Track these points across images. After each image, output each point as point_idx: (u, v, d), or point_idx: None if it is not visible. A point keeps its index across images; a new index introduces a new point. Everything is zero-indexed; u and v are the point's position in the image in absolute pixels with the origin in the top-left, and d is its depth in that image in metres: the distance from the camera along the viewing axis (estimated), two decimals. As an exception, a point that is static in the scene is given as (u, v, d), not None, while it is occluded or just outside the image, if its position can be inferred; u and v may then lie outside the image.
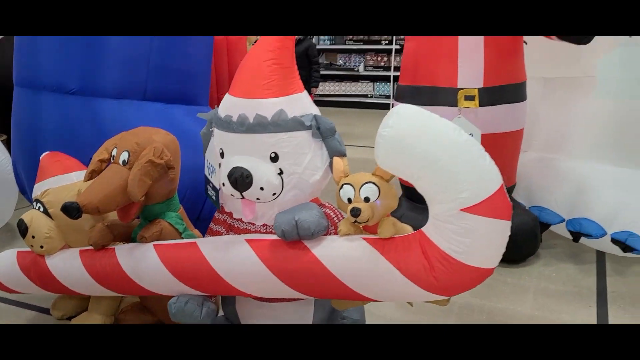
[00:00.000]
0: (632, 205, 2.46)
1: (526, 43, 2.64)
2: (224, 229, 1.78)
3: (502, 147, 2.56)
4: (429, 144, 1.34)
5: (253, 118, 1.55)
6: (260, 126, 1.55)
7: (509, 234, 1.38)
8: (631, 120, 2.58)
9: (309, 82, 4.99)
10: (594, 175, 2.62)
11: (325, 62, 7.17)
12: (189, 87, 2.64)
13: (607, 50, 2.15)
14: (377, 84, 6.72)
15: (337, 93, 6.95)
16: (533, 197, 2.80)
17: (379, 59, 6.77)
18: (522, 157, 3.01)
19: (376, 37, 6.71)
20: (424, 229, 1.44)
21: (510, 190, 2.72)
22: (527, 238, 2.52)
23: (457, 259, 1.35)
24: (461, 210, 1.32)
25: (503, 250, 1.39)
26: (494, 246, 1.36)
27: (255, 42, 1.73)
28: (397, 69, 6.20)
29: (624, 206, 2.46)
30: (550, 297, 2.27)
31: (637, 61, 2.02)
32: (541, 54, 2.72)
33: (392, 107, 1.46)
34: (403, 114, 1.37)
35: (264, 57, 1.59)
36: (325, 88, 7.03)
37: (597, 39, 2.19)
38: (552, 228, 2.69)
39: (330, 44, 7.06)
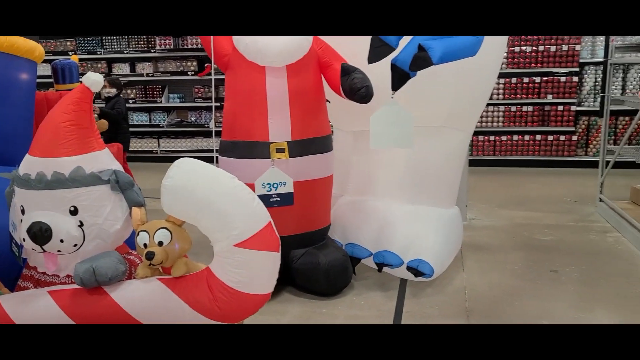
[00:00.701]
0: (422, 236, 2.89)
1: (329, 102, 3.03)
2: (31, 284, 1.85)
3: (314, 192, 2.89)
4: (204, 190, 1.56)
5: (51, 175, 1.67)
6: (58, 182, 1.68)
7: (279, 262, 1.63)
8: (419, 165, 3.06)
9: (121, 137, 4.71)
10: (394, 213, 3.03)
11: (176, 119, 7.32)
12: (7, 149, 2.64)
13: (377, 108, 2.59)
14: (219, 140, 6.93)
15: (189, 149, 7.10)
16: (347, 235, 3.15)
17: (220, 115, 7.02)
18: (339, 200, 3.40)
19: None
20: (210, 265, 1.65)
21: (326, 229, 3.04)
22: (340, 272, 2.84)
23: (235, 288, 1.57)
24: (234, 245, 1.54)
25: (276, 277, 1.63)
26: (266, 274, 1.60)
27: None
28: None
29: (417, 238, 2.88)
30: (355, 321, 2.57)
31: (399, 116, 2.46)
32: (345, 111, 3.13)
33: (215, 160, 1.69)
34: (182, 166, 1.59)
35: (60, 119, 1.74)
36: (177, 144, 7.16)
37: (374, 100, 2.64)
38: (364, 261, 3.04)
39: (181, 102, 7.24)
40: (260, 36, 2.69)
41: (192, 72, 7.00)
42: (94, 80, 1.76)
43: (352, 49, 2.80)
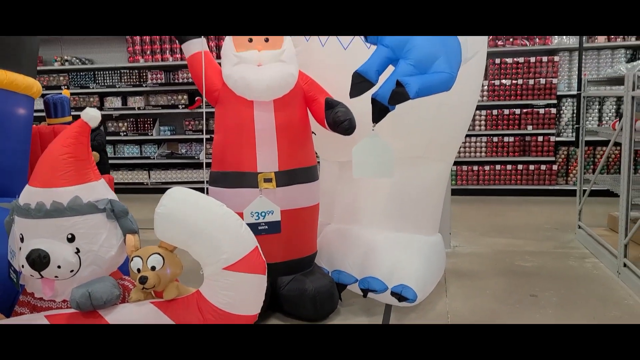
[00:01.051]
0: (405, 262, 2.99)
1: (315, 134, 3.17)
2: (27, 310, 1.92)
3: (301, 221, 3.00)
4: (195, 217, 1.68)
5: (50, 204, 1.78)
6: (56, 211, 1.78)
7: (265, 285, 1.74)
8: (402, 194, 3.19)
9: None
10: (378, 240, 3.14)
11: (167, 151, 7.44)
12: (4, 181, 2.74)
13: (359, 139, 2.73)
14: (209, 171, 7.07)
15: (179, 180, 7.21)
16: (333, 262, 3.24)
17: (210, 147, 7.18)
18: (325, 228, 3.51)
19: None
20: (200, 288, 1.74)
21: (312, 257, 3.14)
22: (326, 298, 2.92)
23: (224, 309, 1.66)
24: (223, 268, 1.65)
25: (262, 298, 1.73)
26: (253, 296, 1.70)
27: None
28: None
29: (400, 264, 2.99)
30: (342, 346, 2.64)
31: (379, 148, 2.60)
32: (330, 142, 3.27)
33: (206, 191, 1.81)
34: (174, 195, 1.71)
35: (60, 151, 1.85)
36: (167, 176, 7.26)
37: (356, 132, 2.78)
38: (350, 287, 3.14)
39: (171, 134, 7.38)
40: (249, 73, 2.84)
41: (183, 105, 7.16)
42: (92, 115, 1.88)
43: (335, 84, 2.95)
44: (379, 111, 2.53)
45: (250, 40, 2.92)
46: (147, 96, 7.35)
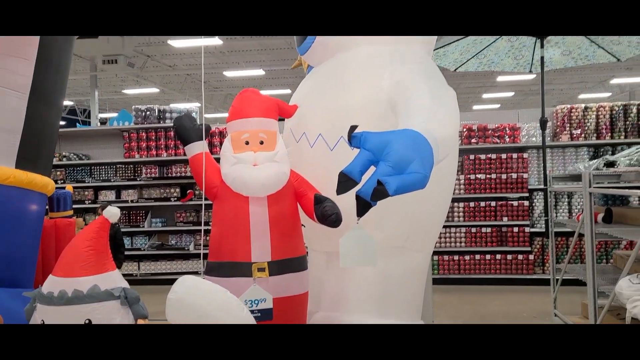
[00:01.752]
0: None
1: (304, 226, 3.45)
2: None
3: (291, 308, 3.19)
4: (202, 302, 1.90)
5: (72, 292, 1.99)
6: (77, 299, 1.99)
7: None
8: (385, 282, 3.42)
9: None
10: (364, 326, 3.32)
11: (157, 242, 7.63)
12: (15, 272, 2.93)
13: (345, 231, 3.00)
14: (205, 261, 7.22)
15: (168, 271, 7.34)
16: (322, 349, 3.39)
17: (207, 238, 7.39)
18: (314, 316, 3.67)
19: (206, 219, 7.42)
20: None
21: (302, 344, 3.30)
22: (315, 383, 3.06)
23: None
24: (227, 349, 1.85)
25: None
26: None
27: (81, 228, 2.23)
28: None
29: (385, 349, 3.16)
30: None
31: (363, 239, 2.87)
32: (318, 234, 3.53)
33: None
34: (185, 282, 1.94)
35: (83, 245, 2.09)
36: (157, 267, 7.39)
37: (343, 225, 3.06)
38: (338, 374, 3.27)
39: (163, 226, 7.60)
40: (246, 172, 3.15)
41: (175, 198, 7.44)
42: (112, 213, 2.15)
43: (323, 181, 3.27)
44: (363, 206, 2.81)
45: (247, 143, 3.26)
46: (141, 189, 7.65)
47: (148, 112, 7.58)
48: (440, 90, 3.09)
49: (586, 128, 6.92)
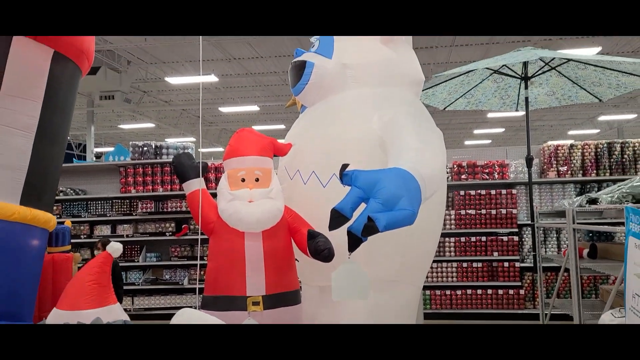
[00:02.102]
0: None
1: (298, 260, 3.55)
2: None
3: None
4: (201, 333, 1.99)
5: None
6: (80, 330, 2.08)
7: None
8: (378, 315, 3.51)
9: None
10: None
11: (152, 277, 7.66)
12: (16, 306, 2.99)
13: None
14: (201, 296, 7.26)
15: (162, 306, 7.35)
16: (315, 383, 3.45)
17: (203, 272, 7.46)
18: (307, 350, 3.73)
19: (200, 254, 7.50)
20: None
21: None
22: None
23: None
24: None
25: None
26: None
27: (81, 266, 2.34)
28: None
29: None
30: None
31: (355, 273, 2.98)
32: (311, 268, 3.63)
33: None
34: (184, 314, 2.04)
35: (87, 279, 2.20)
36: (151, 302, 7.41)
37: (335, 259, 3.17)
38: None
39: (157, 261, 7.65)
40: (242, 208, 3.27)
41: (170, 233, 7.52)
42: (115, 248, 2.26)
43: (316, 217, 3.39)
44: (354, 242, 2.93)
45: (243, 180, 3.40)
46: (136, 224, 7.73)
47: (145, 148, 7.73)
48: (427, 130, 3.26)
49: (572, 165, 7.11)
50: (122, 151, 8.00)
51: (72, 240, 5.58)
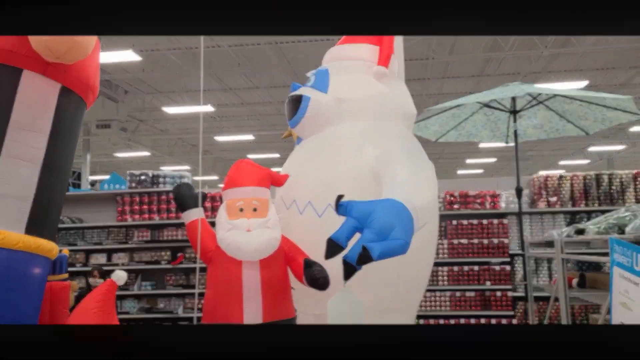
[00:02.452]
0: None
1: (294, 289, 3.63)
2: None
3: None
4: None
5: (79, 350, 2.15)
6: (84, 356, 2.15)
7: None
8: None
9: None
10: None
11: (146, 306, 7.66)
12: (16, 333, 3.05)
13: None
14: (199, 324, 7.29)
15: (156, 335, 7.35)
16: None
17: (200, 301, 7.47)
18: (303, 378, 3.78)
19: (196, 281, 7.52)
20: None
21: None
22: None
23: None
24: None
25: None
26: None
27: (77, 294, 2.41)
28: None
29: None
30: None
31: (350, 301, 3.06)
32: (307, 296, 3.70)
33: None
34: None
35: (91, 306, 2.27)
36: (144, 331, 7.40)
37: (331, 288, 3.25)
38: None
39: (152, 289, 7.66)
40: (240, 237, 3.36)
41: (166, 261, 7.56)
42: (120, 276, 2.34)
43: (312, 246, 3.49)
44: (349, 270, 3.02)
45: (241, 210, 3.50)
46: (132, 252, 7.77)
47: (142, 177, 7.83)
48: (419, 162, 3.39)
49: (562, 196, 7.26)
50: (118, 179, 8.08)
51: (68, 269, 5.62)
